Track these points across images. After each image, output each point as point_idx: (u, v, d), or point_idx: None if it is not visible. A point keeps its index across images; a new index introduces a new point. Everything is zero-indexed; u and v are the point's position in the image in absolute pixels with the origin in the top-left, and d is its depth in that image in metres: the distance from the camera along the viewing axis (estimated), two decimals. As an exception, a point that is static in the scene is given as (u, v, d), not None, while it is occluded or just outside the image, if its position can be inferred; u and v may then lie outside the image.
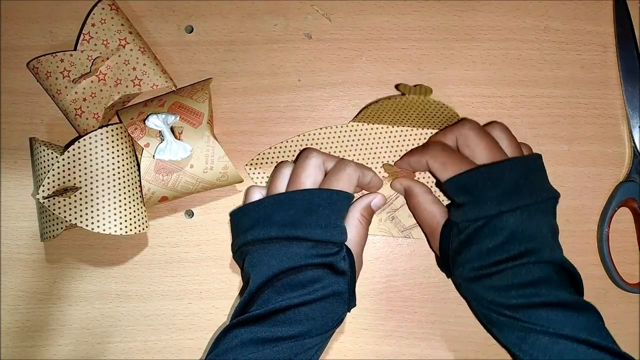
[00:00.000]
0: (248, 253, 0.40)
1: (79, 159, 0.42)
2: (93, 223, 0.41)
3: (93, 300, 0.46)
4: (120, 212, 0.42)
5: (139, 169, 0.43)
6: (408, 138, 0.46)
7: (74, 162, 0.41)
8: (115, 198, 0.42)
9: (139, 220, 0.43)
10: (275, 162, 0.46)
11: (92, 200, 0.41)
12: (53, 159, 0.42)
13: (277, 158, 0.46)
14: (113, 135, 0.43)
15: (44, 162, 0.43)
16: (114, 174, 0.42)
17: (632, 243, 0.46)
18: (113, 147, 0.42)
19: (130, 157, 0.43)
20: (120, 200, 0.42)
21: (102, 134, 0.42)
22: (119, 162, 0.42)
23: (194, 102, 0.43)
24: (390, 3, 0.47)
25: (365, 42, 0.47)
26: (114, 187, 0.42)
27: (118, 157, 0.43)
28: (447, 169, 0.40)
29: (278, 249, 0.38)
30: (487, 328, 0.42)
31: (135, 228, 0.43)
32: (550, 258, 0.38)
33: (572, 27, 0.47)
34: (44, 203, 0.40)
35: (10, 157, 0.47)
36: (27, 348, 0.46)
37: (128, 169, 0.43)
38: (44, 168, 0.43)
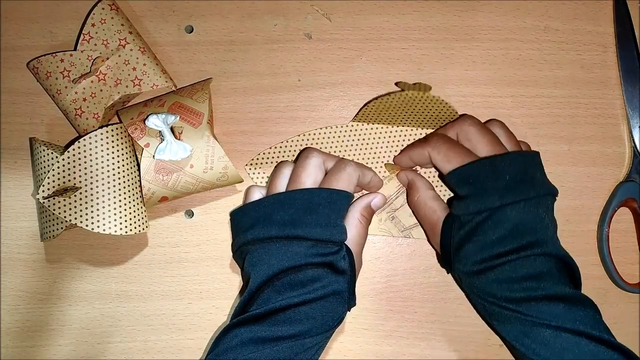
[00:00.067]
0: (248, 252, 0.40)
1: (79, 159, 0.42)
2: (93, 223, 0.41)
3: (93, 300, 0.46)
4: (120, 212, 0.42)
5: (139, 169, 0.43)
6: (408, 138, 0.46)
7: (74, 162, 0.41)
8: (115, 198, 0.42)
9: (139, 220, 0.43)
10: (275, 162, 0.46)
11: (92, 200, 0.41)
12: (53, 159, 0.42)
13: (277, 158, 0.46)
14: (113, 135, 0.43)
15: (44, 162, 0.43)
16: (114, 174, 0.42)
17: (632, 243, 0.46)
18: (113, 147, 0.42)
19: (130, 157, 0.43)
20: (120, 200, 0.42)
21: (102, 134, 0.42)
22: (119, 162, 0.42)
23: (194, 102, 0.43)
24: (390, 3, 0.47)
25: (365, 42, 0.47)
26: (114, 187, 0.42)
27: (118, 157, 0.43)
28: (450, 161, 0.40)
29: (278, 248, 0.38)
30: (487, 321, 0.42)
31: (135, 228, 0.43)
32: (553, 251, 0.38)
33: (572, 27, 0.47)
34: (44, 203, 0.40)
35: (10, 157, 0.47)
36: (27, 348, 0.46)
37: (128, 169, 0.43)
38: (44, 168, 0.43)
